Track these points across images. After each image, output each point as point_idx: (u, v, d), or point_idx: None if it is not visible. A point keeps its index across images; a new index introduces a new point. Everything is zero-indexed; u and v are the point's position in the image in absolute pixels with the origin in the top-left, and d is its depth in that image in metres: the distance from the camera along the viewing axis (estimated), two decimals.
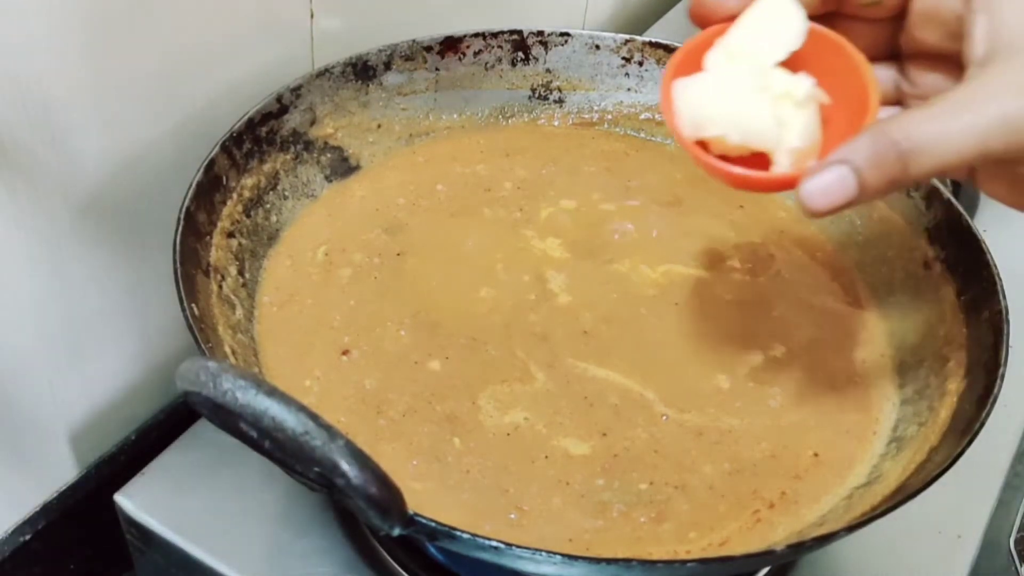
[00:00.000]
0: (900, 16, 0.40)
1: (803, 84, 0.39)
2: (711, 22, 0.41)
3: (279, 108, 0.53)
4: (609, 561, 0.36)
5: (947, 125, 0.35)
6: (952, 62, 0.38)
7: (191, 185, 0.47)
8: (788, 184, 0.38)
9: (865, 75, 0.39)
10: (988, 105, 0.35)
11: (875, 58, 0.42)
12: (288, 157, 0.54)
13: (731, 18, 0.41)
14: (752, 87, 0.39)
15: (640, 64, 0.62)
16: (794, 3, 0.40)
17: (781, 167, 0.39)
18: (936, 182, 0.52)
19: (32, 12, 0.42)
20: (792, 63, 0.40)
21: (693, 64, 0.41)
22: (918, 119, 0.36)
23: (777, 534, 0.43)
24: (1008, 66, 0.36)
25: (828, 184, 0.36)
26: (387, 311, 0.50)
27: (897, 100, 0.43)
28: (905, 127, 0.35)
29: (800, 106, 0.39)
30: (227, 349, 0.44)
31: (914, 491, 0.39)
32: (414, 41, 0.58)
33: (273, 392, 0.32)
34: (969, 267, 0.49)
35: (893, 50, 0.42)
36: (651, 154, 0.62)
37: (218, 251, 0.48)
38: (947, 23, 0.39)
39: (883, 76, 0.42)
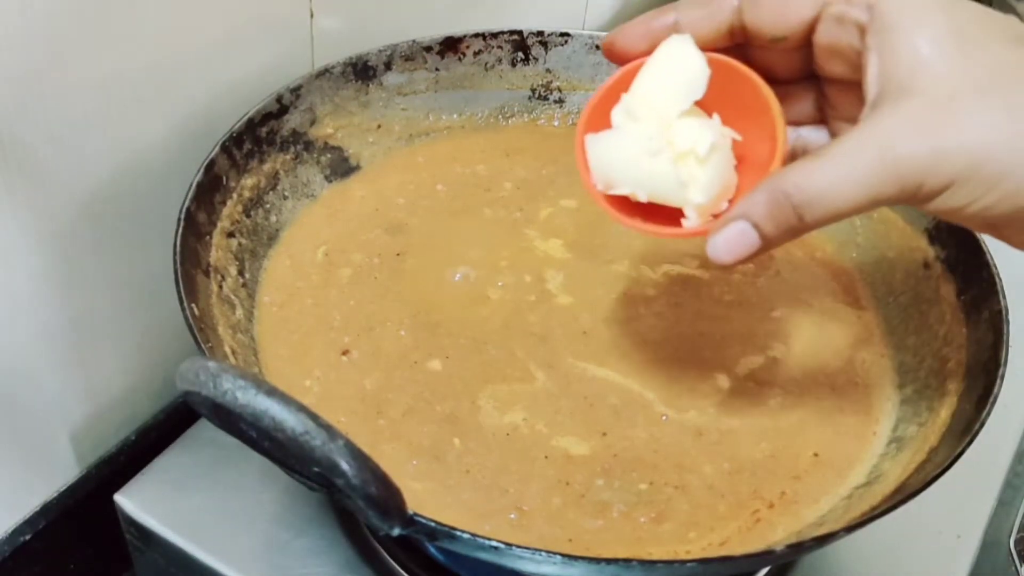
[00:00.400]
0: (808, 46, 0.40)
1: (704, 139, 0.39)
2: (624, 60, 0.42)
3: (279, 108, 0.53)
4: (609, 561, 0.36)
5: (834, 175, 0.35)
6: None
7: (191, 185, 0.47)
8: (700, 234, 0.39)
9: (773, 114, 0.39)
10: (871, 152, 0.35)
11: (795, 79, 0.42)
12: (288, 157, 0.54)
13: (643, 54, 0.41)
14: (653, 149, 0.39)
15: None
16: (695, 50, 0.40)
17: (690, 221, 0.40)
18: None
19: (31, 11, 0.42)
20: (706, 99, 0.40)
21: (604, 117, 0.41)
22: (808, 170, 0.36)
23: (777, 534, 0.43)
24: (894, 108, 0.35)
25: (730, 239, 0.37)
26: (387, 311, 0.50)
27: (821, 119, 0.43)
28: (796, 179, 0.36)
29: (703, 162, 0.39)
30: (227, 349, 0.44)
31: (914, 491, 0.39)
32: (414, 41, 0.58)
33: (273, 392, 0.32)
34: (969, 267, 0.49)
35: (812, 71, 0.41)
36: None
37: (218, 251, 0.48)
38: (849, 58, 0.38)
39: (805, 96, 0.42)
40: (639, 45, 0.41)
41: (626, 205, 0.41)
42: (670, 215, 0.40)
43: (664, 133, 0.39)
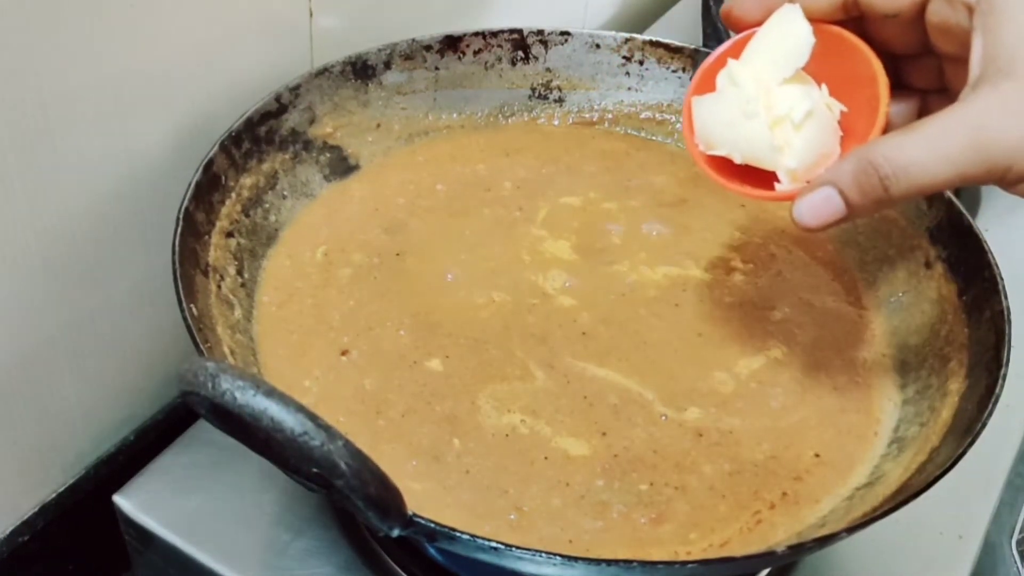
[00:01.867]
0: (923, 23, 0.40)
1: (801, 106, 0.41)
2: (741, 27, 0.43)
3: (278, 107, 0.53)
4: (609, 562, 0.36)
5: (923, 151, 0.36)
6: None
7: (190, 185, 0.47)
8: (790, 198, 0.41)
9: (879, 85, 0.40)
10: (963, 131, 0.36)
11: (913, 54, 0.42)
12: (287, 157, 0.54)
13: (758, 23, 0.43)
14: (749, 112, 0.41)
15: (640, 63, 0.62)
16: (802, 19, 0.41)
17: (783, 185, 0.42)
18: None
19: (31, 11, 0.42)
20: (819, 70, 0.41)
21: (712, 81, 0.44)
22: (898, 143, 0.37)
23: (778, 535, 0.43)
24: (991, 90, 0.36)
25: (815, 204, 0.39)
26: (386, 311, 0.50)
27: (942, 86, 0.43)
28: (885, 150, 0.37)
29: (798, 128, 0.41)
30: (226, 349, 0.44)
31: (915, 492, 0.39)
32: (414, 40, 0.58)
33: (272, 392, 0.32)
34: (971, 267, 0.49)
35: (930, 47, 0.42)
36: (651, 153, 0.62)
37: (217, 251, 0.48)
38: (959, 38, 0.39)
39: (927, 64, 0.43)
40: (754, 14, 0.43)
41: (724, 167, 0.43)
42: (766, 179, 0.42)
43: (763, 98, 0.41)
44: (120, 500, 0.53)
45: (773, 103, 0.41)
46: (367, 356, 0.48)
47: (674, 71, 0.62)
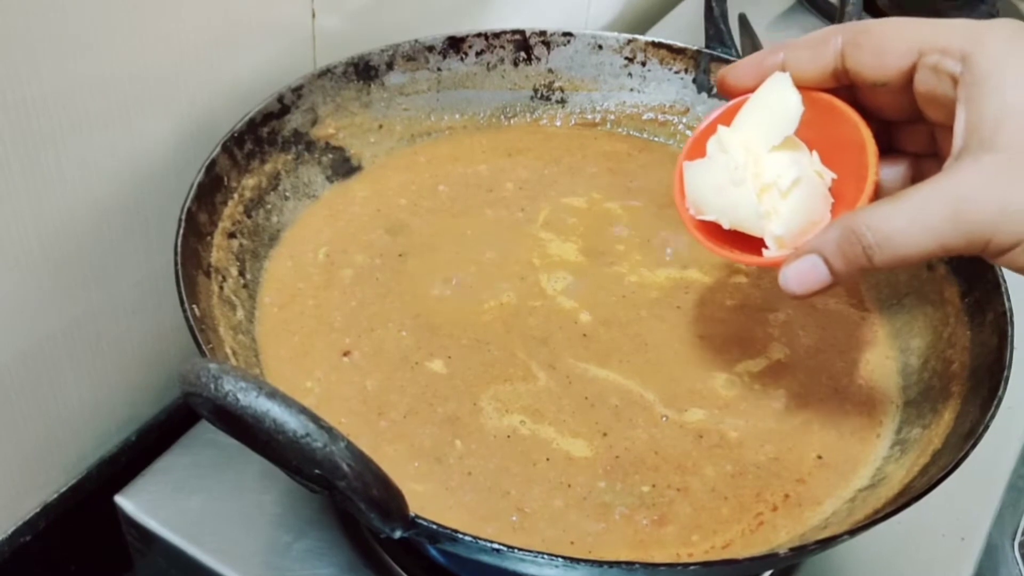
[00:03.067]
0: (911, 90, 0.40)
1: (789, 174, 0.41)
2: (734, 94, 0.44)
3: (280, 108, 0.53)
4: (612, 564, 0.36)
5: (906, 221, 0.36)
6: None
7: (192, 185, 0.47)
8: (777, 264, 0.41)
9: (867, 152, 0.41)
10: (943, 203, 0.36)
11: (906, 120, 0.42)
12: (289, 157, 0.54)
13: (751, 90, 0.43)
14: (736, 179, 0.41)
15: (643, 64, 0.62)
16: (791, 88, 0.41)
17: (770, 251, 0.42)
18: None
19: (34, 11, 0.42)
20: (811, 136, 0.42)
21: (704, 146, 0.44)
22: (881, 213, 0.37)
23: (780, 537, 0.43)
24: (973, 162, 0.36)
25: (801, 272, 0.39)
26: (388, 312, 0.50)
27: (935, 151, 0.43)
28: (869, 220, 0.37)
29: (785, 195, 0.41)
30: (228, 350, 0.44)
31: (918, 494, 0.39)
32: (416, 41, 0.58)
33: (274, 394, 0.32)
34: (973, 269, 0.49)
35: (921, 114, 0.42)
36: (654, 155, 0.61)
37: (219, 252, 0.48)
38: (946, 105, 0.39)
39: (920, 130, 0.43)
40: (748, 81, 0.43)
41: (714, 232, 0.43)
42: (755, 245, 0.42)
43: (751, 165, 0.41)
44: (122, 500, 0.53)
45: (761, 170, 0.41)
46: (369, 357, 0.48)
47: (676, 72, 0.62)
